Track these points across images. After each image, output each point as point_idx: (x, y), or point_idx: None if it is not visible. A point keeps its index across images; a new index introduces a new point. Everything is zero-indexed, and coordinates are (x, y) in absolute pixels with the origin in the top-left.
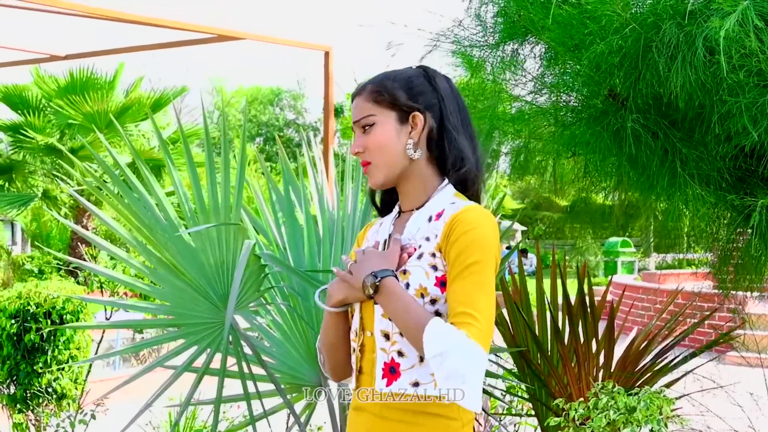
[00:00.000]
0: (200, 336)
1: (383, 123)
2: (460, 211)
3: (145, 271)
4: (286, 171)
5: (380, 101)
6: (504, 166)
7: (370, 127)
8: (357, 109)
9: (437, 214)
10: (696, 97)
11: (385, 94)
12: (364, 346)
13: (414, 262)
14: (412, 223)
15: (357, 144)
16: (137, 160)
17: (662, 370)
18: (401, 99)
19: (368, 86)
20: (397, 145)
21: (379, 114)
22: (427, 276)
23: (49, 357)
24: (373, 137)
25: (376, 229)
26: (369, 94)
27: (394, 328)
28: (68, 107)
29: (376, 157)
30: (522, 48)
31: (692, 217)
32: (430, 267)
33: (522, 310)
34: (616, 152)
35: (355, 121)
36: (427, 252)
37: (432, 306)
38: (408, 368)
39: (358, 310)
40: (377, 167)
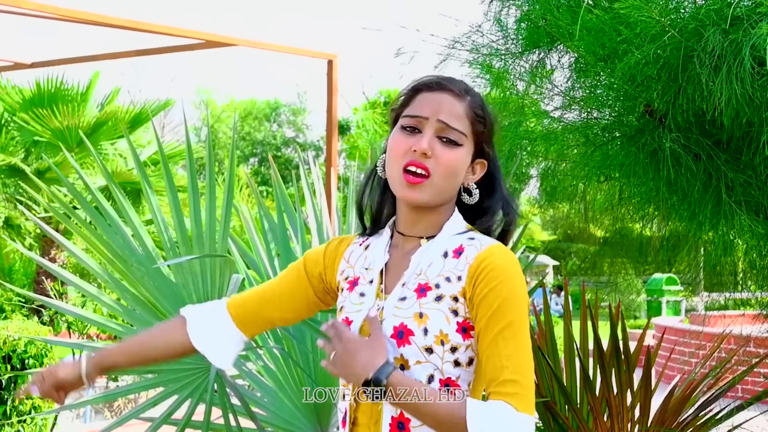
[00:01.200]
0: (181, 384)
1: (467, 152)
2: (485, 252)
3: (118, 310)
4: (281, 196)
5: (475, 127)
6: (531, 190)
7: (453, 145)
8: (451, 112)
9: (455, 251)
10: (743, 114)
11: (485, 127)
12: (361, 395)
13: (432, 304)
14: (423, 256)
15: (430, 144)
16: (110, 183)
17: (706, 424)
18: (487, 142)
19: (470, 98)
20: (460, 179)
21: (467, 138)
22: (448, 321)
23: (9, 407)
24: (452, 157)
25: (360, 252)
26: (471, 110)
27: None
28: (34, 122)
29: (442, 178)
30: (548, 57)
31: (747, 250)
32: (451, 312)
33: (548, 356)
34: (653, 176)
35: (440, 120)
36: (449, 295)
37: (452, 354)
38: (419, 425)
39: None
40: (435, 187)
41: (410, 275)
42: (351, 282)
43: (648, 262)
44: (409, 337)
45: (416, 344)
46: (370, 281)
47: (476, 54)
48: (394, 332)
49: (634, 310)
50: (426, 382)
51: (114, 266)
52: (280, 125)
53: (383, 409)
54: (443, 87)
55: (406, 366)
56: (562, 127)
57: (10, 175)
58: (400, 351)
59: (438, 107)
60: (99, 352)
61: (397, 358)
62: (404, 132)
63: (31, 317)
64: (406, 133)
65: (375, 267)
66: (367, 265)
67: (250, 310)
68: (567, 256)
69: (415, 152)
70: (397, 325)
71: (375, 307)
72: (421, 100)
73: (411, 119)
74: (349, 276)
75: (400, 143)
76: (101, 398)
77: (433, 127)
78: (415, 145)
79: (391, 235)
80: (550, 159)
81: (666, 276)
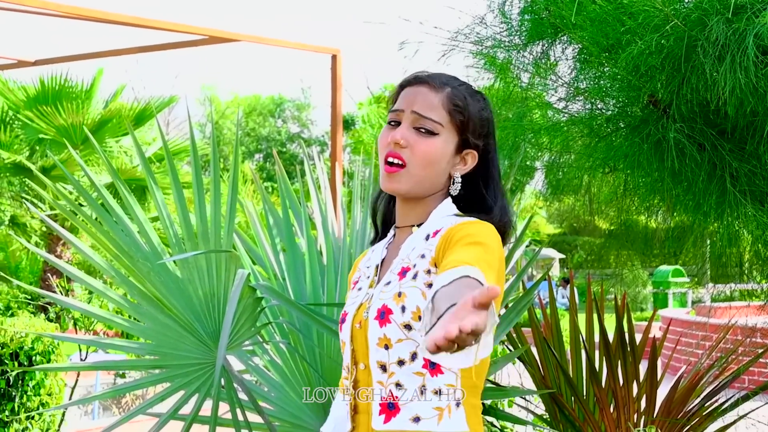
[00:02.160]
0: (188, 379)
1: (445, 142)
2: (457, 225)
3: (125, 306)
4: (286, 191)
5: (454, 117)
6: (537, 183)
7: (429, 135)
8: (425, 102)
9: (435, 232)
10: (747, 103)
11: (465, 115)
12: (358, 382)
13: (410, 282)
14: (409, 243)
15: (403, 135)
16: (116, 179)
17: (712, 414)
18: (472, 132)
19: (448, 88)
20: (442, 169)
21: (446, 128)
22: (424, 296)
23: (17, 404)
24: (427, 146)
25: (368, 256)
26: (448, 101)
27: (390, 358)
28: (39, 120)
29: (417, 167)
30: (552, 49)
31: (754, 241)
32: (426, 286)
33: (554, 349)
34: (657, 166)
35: (414, 111)
36: (422, 270)
37: None
38: (407, 401)
39: (348, 341)
40: (411, 176)
41: (398, 262)
42: (354, 282)
43: (654, 254)
44: (389, 316)
45: (395, 322)
46: (367, 276)
47: (480, 46)
48: (377, 314)
49: (641, 302)
50: (409, 359)
51: (120, 262)
52: (284, 121)
53: (373, 392)
54: (422, 80)
55: (390, 345)
56: (566, 118)
57: (15, 173)
58: (383, 331)
59: (413, 99)
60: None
61: (381, 338)
62: (388, 127)
63: (38, 314)
64: (389, 128)
65: (372, 263)
66: (369, 264)
67: None
68: (573, 249)
69: (391, 144)
70: (380, 307)
71: (366, 296)
72: (402, 96)
73: (392, 114)
74: (356, 278)
75: (383, 137)
76: (109, 393)
77: (408, 118)
78: (392, 138)
79: (394, 234)
80: (554, 151)
81: (672, 268)
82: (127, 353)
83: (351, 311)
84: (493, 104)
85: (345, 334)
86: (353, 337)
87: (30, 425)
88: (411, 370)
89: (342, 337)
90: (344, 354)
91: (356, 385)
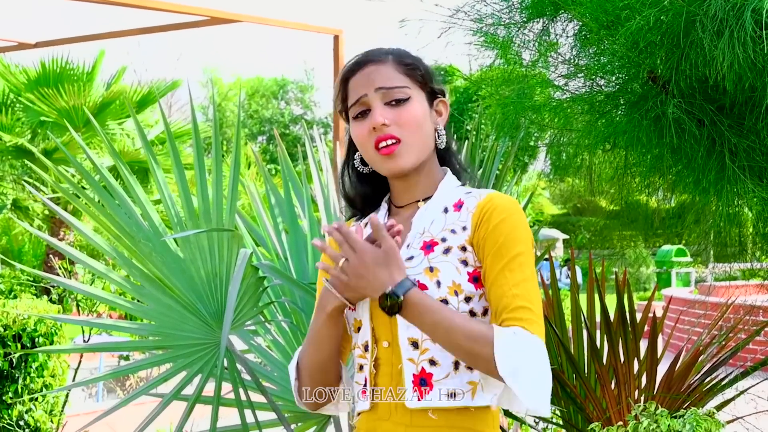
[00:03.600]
0: (191, 359)
1: (419, 101)
2: (485, 199)
3: (127, 287)
4: (287, 171)
5: (412, 76)
6: (540, 164)
7: (404, 102)
8: (382, 76)
9: (455, 205)
10: (746, 79)
11: (420, 69)
12: (379, 360)
13: (441, 257)
14: (423, 216)
15: (382, 114)
16: (117, 162)
17: (712, 390)
18: (433, 81)
19: (391, 56)
20: (429, 128)
21: (412, 89)
22: (459, 272)
23: (20, 386)
24: (408, 112)
25: (361, 231)
26: (398, 65)
27: (423, 335)
28: (40, 102)
29: (412, 135)
30: (553, 26)
31: (755, 218)
32: (461, 262)
33: (555, 327)
34: (656, 143)
35: (377, 88)
36: (456, 246)
37: (466, 304)
38: (442, 378)
39: (367, 320)
40: (411, 146)
41: (414, 236)
42: None
43: (657, 234)
44: (424, 292)
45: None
46: None
47: (480, 24)
48: None
49: (644, 281)
50: None
51: (122, 244)
52: (287, 103)
53: (403, 369)
54: (363, 62)
55: None
56: (567, 96)
57: (17, 156)
58: None
59: (369, 80)
60: None
61: None
62: (358, 120)
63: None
64: (360, 120)
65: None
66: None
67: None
68: (576, 230)
69: (375, 130)
70: None
71: None
72: (353, 85)
73: (356, 106)
74: None
75: (361, 131)
76: (111, 375)
77: (376, 98)
78: (371, 124)
79: (388, 209)
80: (556, 129)
81: (675, 247)
82: (130, 335)
83: None
84: (494, 82)
85: (361, 312)
86: (373, 316)
87: (34, 407)
88: None
89: (356, 316)
90: (359, 333)
91: (377, 363)
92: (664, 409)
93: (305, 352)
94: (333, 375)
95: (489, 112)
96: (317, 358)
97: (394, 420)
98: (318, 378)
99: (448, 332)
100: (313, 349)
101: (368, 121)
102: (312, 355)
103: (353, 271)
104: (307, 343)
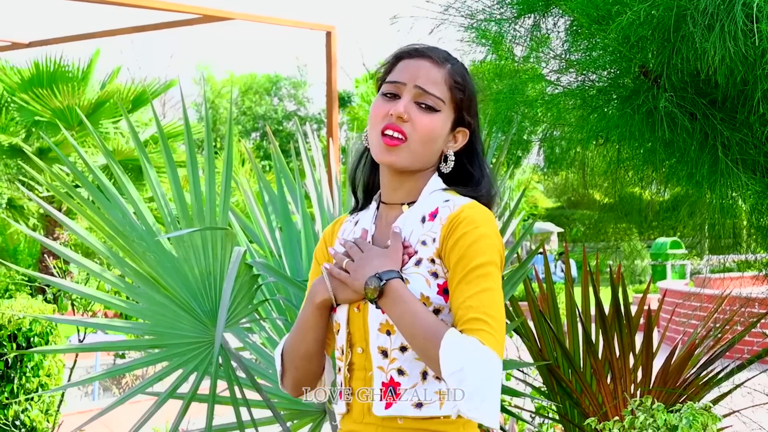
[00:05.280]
0: (186, 358)
1: (445, 119)
2: (456, 211)
3: (121, 286)
4: (281, 168)
5: (454, 95)
6: (534, 158)
7: (431, 111)
8: (428, 77)
9: (431, 214)
10: (737, 72)
11: (465, 94)
12: (353, 365)
13: (412, 268)
14: (403, 224)
15: (406, 108)
16: (110, 161)
17: (708, 383)
18: (467, 110)
19: (449, 65)
20: (438, 147)
21: (446, 105)
22: (428, 284)
23: (16, 386)
24: (429, 122)
25: (351, 228)
26: (450, 77)
27: (393, 344)
28: (34, 102)
29: (418, 143)
30: (544, 21)
31: (751, 210)
32: (431, 274)
33: (550, 321)
34: (649, 137)
35: (417, 85)
36: (426, 258)
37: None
38: (410, 387)
39: (344, 324)
40: (411, 151)
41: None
42: None
43: (652, 226)
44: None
45: None
46: None
47: (471, 19)
48: None
49: (640, 274)
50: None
51: (116, 243)
52: (281, 99)
53: (373, 377)
54: (423, 54)
55: (392, 331)
56: (559, 91)
57: (11, 155)
58: (385, 317)
59: (416, 73)
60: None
61: (382, 324)
62: (384, 98)
63: (36, 296)
64: (386, 99)
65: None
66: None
67: None
68: (571, 223)
69: (392, 116)
70: None
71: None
72: (401, 67)
73: (390, 85)
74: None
75: (379, 108)
76: (107, 374)
77: (410, 92)
78: (392, 110)
79: (377, 207)
80: (548, 123)
81: (671, 240)
82: (126, 334)
83: None
84: (485, 78)
85: (340, 315)
86: (350, 320)
87: (30, 407)
88: (413, 356)
89: (336, 319)
90: (338, 336)
91: (351, 368)
92: (660, 403)
93: (290, 339)
94: (316, 364)
95: (481, 107)
96: (302, 346)
97: (366, 422)
98: (301, 365)
99: (412, 325)
100: (299, 337)
101: (391, 105)
102: (297, 343)
103: (353, 266)
104: (293, 331)
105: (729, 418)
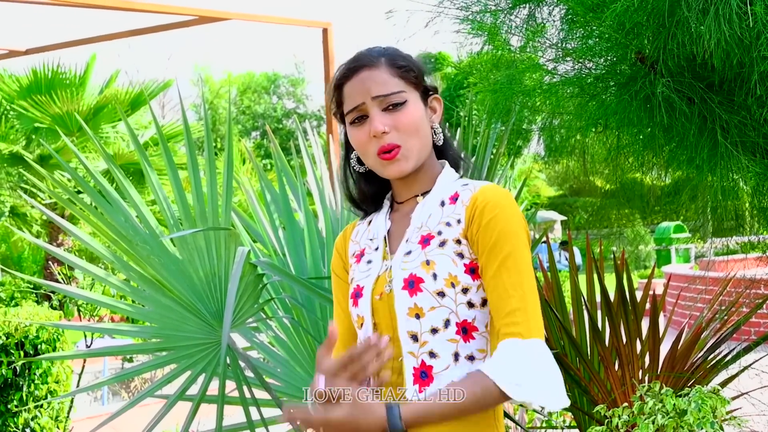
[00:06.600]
0: (194, 359)
1: (415, 101)
2: (478, 192)
3: (126, 290)
4: (281, 166)
5: (407, 78)
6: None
7: (401, 106)
8: (377, 83)
9: (451, 197)
10: (733, 55)
11: (414, 70)
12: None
13: (437, 250)
14: (421, 211)
15: (383, 122)
16: (111, 166)
17: (716, 366)
18: (425, 79)
19: (384, 58)
20: (426, 126)
21: (408, 92)
22: (455, 264)
23: (25, 393)
24: (407, 116)
25: (364, 229)
26: (392, 68)
27: (423, 327)
28: (33, 109)
29: (410, 140)
30: (539, 11)
31: (752, 193)
32: (456, 255)
33: (556, 310)
34: (647, 122)
35: (374, 96)
36: (451, 239)
37: (464, 295)
38: (442, 370)
39: (369, 316)
40: (411, 150)
41: (412, 231)
42: (357, 255)
43: (655, 211)
44: (420, 285)
45: (428, 290)
46: (375, 248)
47: (466, 11)
48: (405, 284)
49: (644, 259)
50: (443, 326)
51: (119, 247)
52: (279, 97)
53: (404, 362)
54: (356, 68)
55: (421, 314)
56: (557, 79)
57: (12, 163)
58: (413, 300)
59: (363, 87)
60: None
61: (411, 308)
62: (355, 126)
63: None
64: (358, 126)
65: (379, 235)
66: (371, 237)
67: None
68: (574, 211)
69: (375, 137)
70: (406, 277)
71: (384, 268)
72: (348, 92)
73: (353, 113)
74: (355, 251)
75: (360, 137)
76: (115, 379)
77: (373, 106)
78: (371, 131)
79: (391, 205)
80: (547, 112)
81: (674, 224)
82: (133, 337)
83: (368, 284)
84: (483, 69)
85: (363, 308)
86: (374, 311)
87: (39, 414)
88: (445, 337)
89: (359, 312)
90: (362, 329)
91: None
92: (668, 388)
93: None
94: None
95: (480, 97)
96: None
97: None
98: None
99: (460, 412)
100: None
101: (367, 127)
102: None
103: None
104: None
105: (738, 400)
